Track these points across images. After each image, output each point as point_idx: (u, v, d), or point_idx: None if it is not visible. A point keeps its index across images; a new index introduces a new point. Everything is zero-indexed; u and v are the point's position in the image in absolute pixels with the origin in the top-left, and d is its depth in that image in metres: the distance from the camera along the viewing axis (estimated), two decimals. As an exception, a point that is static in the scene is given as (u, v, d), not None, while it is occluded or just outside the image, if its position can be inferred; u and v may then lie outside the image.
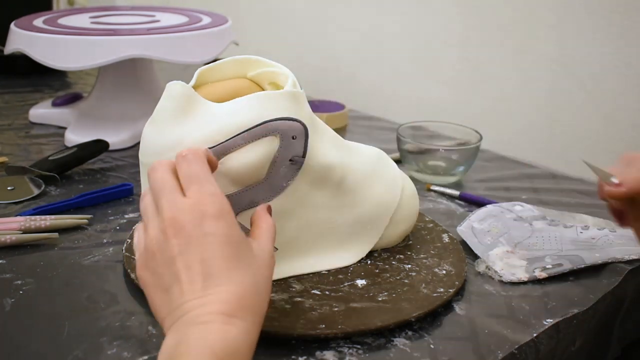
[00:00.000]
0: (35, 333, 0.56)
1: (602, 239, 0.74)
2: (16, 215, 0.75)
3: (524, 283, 0.67)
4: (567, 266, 0.69)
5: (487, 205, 0.80)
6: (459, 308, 0.63)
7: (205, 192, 0.49)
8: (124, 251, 0.68)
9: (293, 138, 0.59)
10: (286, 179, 0.60)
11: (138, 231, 0.51)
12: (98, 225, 0.76)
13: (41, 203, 0.80)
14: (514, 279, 0.67)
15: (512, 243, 0.72)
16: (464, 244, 0.74)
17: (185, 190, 0.49)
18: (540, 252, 0.72)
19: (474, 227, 0.75)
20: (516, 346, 0.58)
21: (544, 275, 0.68)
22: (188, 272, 0.47)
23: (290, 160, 0.60)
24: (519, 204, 0.80)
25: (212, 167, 0.53)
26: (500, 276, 0.68)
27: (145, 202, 0.51)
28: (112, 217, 0.78)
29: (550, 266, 0.69)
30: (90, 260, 0.69)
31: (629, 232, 0.76)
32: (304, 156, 0.60)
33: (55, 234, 0.71)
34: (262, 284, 0.49)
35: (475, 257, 0.72)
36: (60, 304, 0.61)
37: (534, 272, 0.68)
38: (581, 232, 0.75)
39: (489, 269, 0.69)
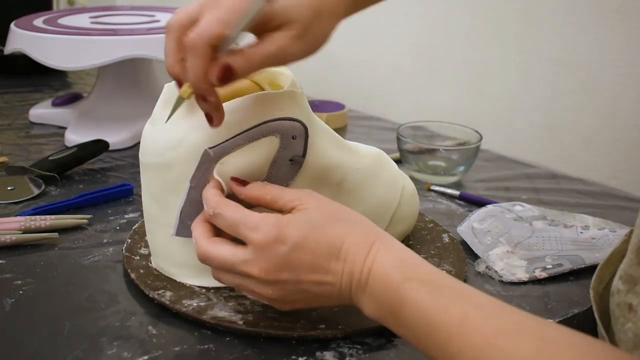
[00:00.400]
0: (35, 333, 0.56)
1: (602, 239, 0.74)
2: (16, 215, 0.75)
3: (524, 283, 0.67)
4: (567, 266, 0.69)
5: (488, 206, 0.80)
6: (459, 308, 0.63)
7: (254, 225, 0.52)
8: (124, 251, 0.68)
9: (293, 138, 0.59)
10: (286, 178, 0.60)
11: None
12: (98, 225, 0.76)
13: (41, 203, 0.80)
14: (514, 279, 0.67)
15: (512, 243, 0.72)
16: (464, 244, 0.74)
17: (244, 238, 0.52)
18: (541, 252, 0.72)
19: (474, 227, 0.75)
20: (516, 346, 0.58)
21: (544, 275, 0.68)
22: (317, 274, 0.51)
23: (290, 160, 0.60)
24: (519, 204, 0.80)
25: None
26: (501, 276, 0.68)
27: (237, 280, 0.54)
28: (112, 217, 0.78)
29: (550, 266, 0.69)
30: (90, 260, 0.69)
31: (624, 230, 0.77)
32: (304, 156, 0.60)
33: (55, 234, 0.71)
34: (356, 216, 0.54)
35: (475, 257, 0.72)
36: (60, 304, 0.61)
37: (534, 272, 0.68)
38: (581, 232, 0.75)
39: (489, 269, 0.69)
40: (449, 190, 0.89)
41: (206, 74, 0.51)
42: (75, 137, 1.00)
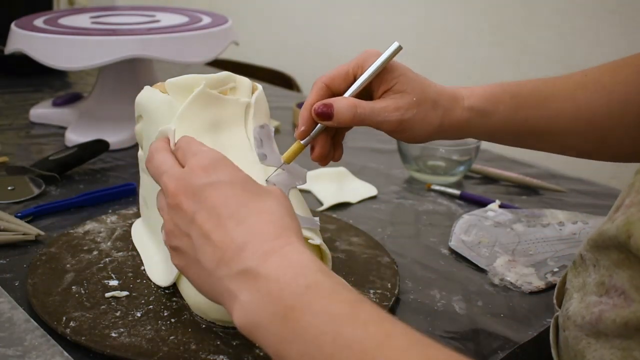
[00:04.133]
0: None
1: (581, 234, 0.76)
2: (16, 215, 0.75)
3: (543, 290, 0.66)
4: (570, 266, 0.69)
5: (463, 216, 0.80)
6: (459, 308, 0.63)
7: (196, 151, 0.48)
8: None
9: None
10: None
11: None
12: (98, 225, 0.76)
13: (41, 203, 0.80)
14: (532, 288, 0.66)
15: (508, 252, 0.72)
16: (461, 257, 0.73)
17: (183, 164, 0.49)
18: (538, 256, 0.72)
19: (464, 240, 0.75)
20: (517, 345, 0.58)
21: (557, 279, 0.67)
22: (210, 223, 0.44)
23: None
24: (490, 209, 0.81)
25: None
26: (519, 287, 0.67)
27: (160, 200, 0.50)
28: (113, 217, 0.78)
29: (557, 269, 0.69)
30: (91, 260, 0.69)
31: (599, 223, 0.78)
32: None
33: (32, 235, 0.71)
34: (289, 207, 0.46)
35: (476, 267, 0.71)
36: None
37: (546, 277, 0.68)
38: (560, 229, 0.77)
39: (503, 281, 0.68)
40: (449, 190, 0.89)
41: (311, 105, 0.55)
42: (75, 137, 1.00)
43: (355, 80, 0.57)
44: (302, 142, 0.57)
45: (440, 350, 0.36)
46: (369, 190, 0.89)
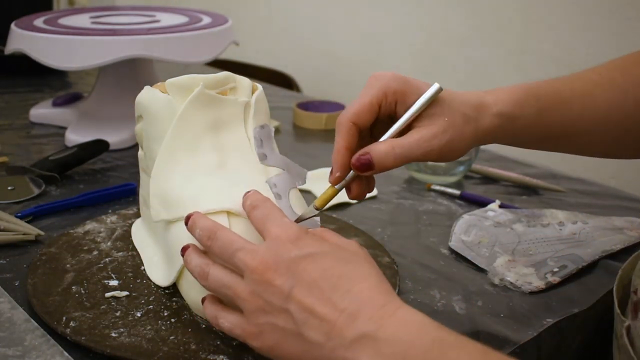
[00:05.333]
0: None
1: (582, 234, 0.76)
2: (16, 215, 0.75)
3: (543, 291, 0.66)
4: (571, 267, 0.69)
5: (463, 216, 0.80)
6: (459, 308, 0.63)
7: (280, 223, 0.48)
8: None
9: None
10: None
11: (221, 314, 0.50)
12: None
13: (41, 203, 0.80)
14: (532, 288, 0.66)
15: (508, 251, 0.72)
16: (461, 257, 0.73)
17: (261, 235, 0.49)
18: (538, 256, 0.72)
19: (464, 240, 0.75)
20: (517, 345, 0.58)
21: (557, 279, 0.67)
22: (312, 297, 0.44)
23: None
24: (490, 209, 0.81)
25: None
26: (519, 287, 0.67)
27: (213, 275, 0.49)
28: (113, 217, 0.78)
29: (557, 269, 0.69)
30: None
31: (599, 223, 0.79)
32: None
33: (32, 235, 0.71)
34: (375, 264, 0.47)
35: (475, 267, 0.71)
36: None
37: (546, 277, 0.68)
38: (560, 230, 0.77)
39: (503, 281, 0.68)
40: (449, 190, 0.89)
41: (345, 153, 0.53)
42: (75, 137, 1.00)
43: (381, 109, 0.54)
44: (336, 186, 0.55)
45: None
46: None
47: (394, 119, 0.55)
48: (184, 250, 0.53)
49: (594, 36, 1.10)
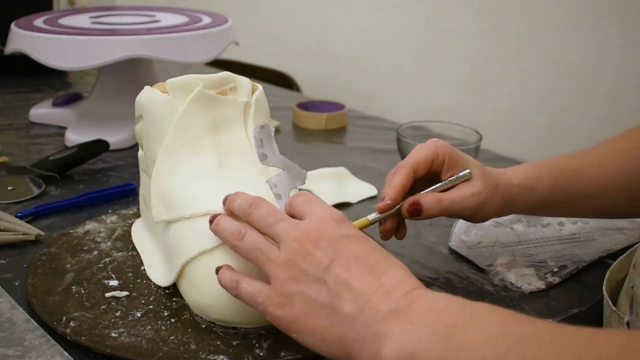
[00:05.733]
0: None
1: (582, 234, 0.76)
2: (16, 215, 0.75)
3: (543, 290, 0.66)
4: (571, 267, 0.69)
5: None
6: (459, 308, 0.63)
7: (324, 205, 0.51)
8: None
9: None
10: None
11: (244, 279, 0.50)
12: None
13: (41, 203, 0.80)
14: (533, 288, 0.66)
15: (508, 251, 0.72)
16: (460, 256, 0.73)
17: (302, 216, 0.51)
18: (539, 256, 0.72)
19: (464, 240, 0.75)
20: (516, 346, 0.58)
21: (557, 279, 0.68)
22: (350, 272, 0.46)
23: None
24: None
25: None
26: (519, 287, 0.67)
27: (249, 236, 0.51)
28: (113, 217, 0.78)
29: (556, 269, 0.69)
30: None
31: (599, 223, 0.79)
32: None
33: (32, 235, 0.71)
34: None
35: (475, 265, 0.71)
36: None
37: (546, 277, 0.68)
38: (560, 229, 0.77)
39: (503, 281, 0.68)
40: (449, 190, 0.89)
41: (401, 191, 0.59)
42: (75, 137, 1.00)
43: (433, 165, 0.62)
44: (370, 219, 0.60)
45: (607, 335, 0.39)
46: (369, 190, 0.89)
47: (432, 179, 0.62)
48: (214, 217, 0.54)
49: (594, 36, 1.10)
